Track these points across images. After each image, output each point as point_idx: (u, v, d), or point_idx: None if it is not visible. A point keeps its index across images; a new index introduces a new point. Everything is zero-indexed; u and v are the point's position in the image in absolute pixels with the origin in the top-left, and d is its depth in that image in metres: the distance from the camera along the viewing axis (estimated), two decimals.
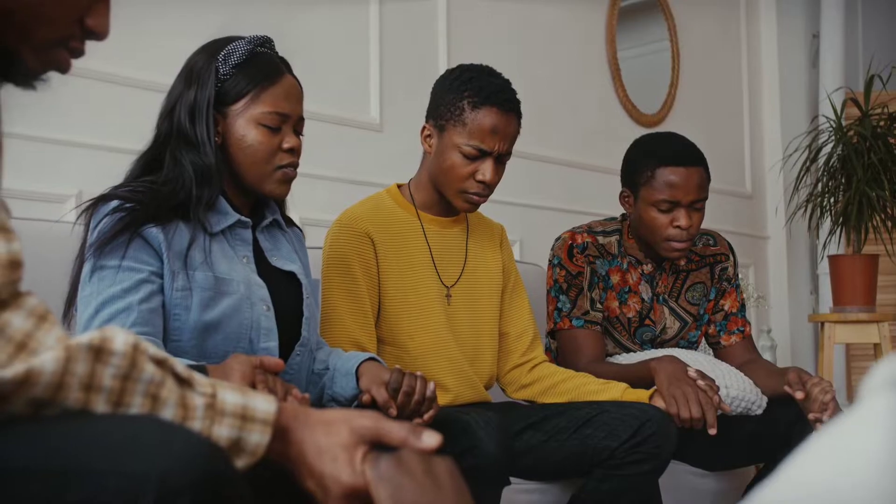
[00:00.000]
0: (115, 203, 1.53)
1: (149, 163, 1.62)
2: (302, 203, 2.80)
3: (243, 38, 1.66)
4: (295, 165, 1.68)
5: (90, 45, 1.01)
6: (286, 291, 1.68)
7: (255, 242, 1.70)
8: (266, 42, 1.69)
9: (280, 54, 1.72)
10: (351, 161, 2.98)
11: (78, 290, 1.53)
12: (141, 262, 1.51)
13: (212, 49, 1.64)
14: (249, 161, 1.63)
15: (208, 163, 1.58)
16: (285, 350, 1.63)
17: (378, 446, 0.95)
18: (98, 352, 0.82)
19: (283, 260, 1.72)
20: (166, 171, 1.59)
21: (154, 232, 1.52)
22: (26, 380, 0.77)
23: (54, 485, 0.75)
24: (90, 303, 1.48)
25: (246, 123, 1.62)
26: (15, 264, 0.80)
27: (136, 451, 0.76)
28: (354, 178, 2.93)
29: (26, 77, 0.96)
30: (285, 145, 1.65)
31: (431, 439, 0.96)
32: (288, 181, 1.68)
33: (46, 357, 0.79)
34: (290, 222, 1.83)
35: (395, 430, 0.95)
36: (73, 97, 2.33)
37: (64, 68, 0.99)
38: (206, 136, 1.59)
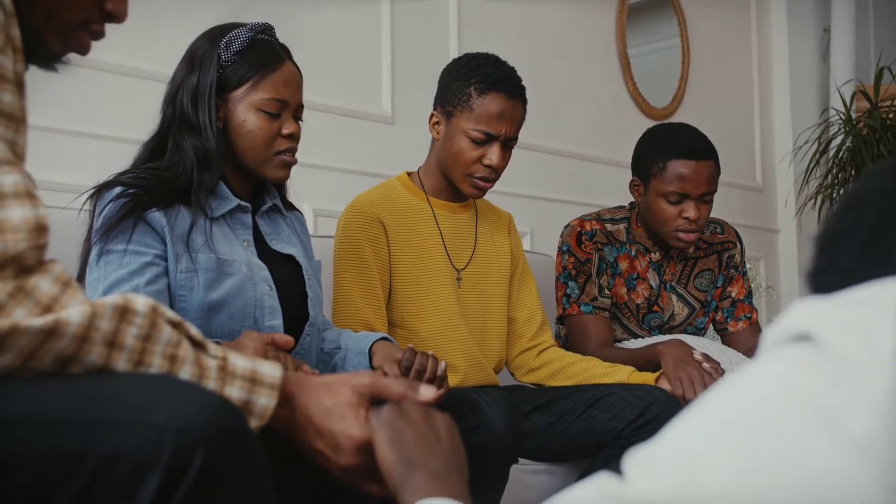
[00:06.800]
0: (118, 189, 1.56)
1: (155, 147, 1.66)
2: (315, 194, 2.85)
3: (245, 24, 1.69)
4: (293, 151, 1.71)
5: (107, 41, 1.06)
6: (287, 274, 1.71)
7: (256, 227, 1.73)
8: (267, 29, 1.72)
9: (281, 41, 1.74)
10: (363, 153, 3.02)
11: (86, 275, 1.56)
12: (146, 245, 1.54)
13: (214, 35, 1.68)
14: (249, 146, 1.67)
15: (209, 147, 1.62)
16: (290, 331, 1.65)
17: (378, 402, 0.99)
18: (123, 311, 0.86)
19: (282, 243, 1.75)
20: (169, 155, 1.63)
21: (157, 216, 1.55)
22: (54, 330, 0.81)
23: (83, 435, 0.79)
24: (97, 286, 1.51)
25: (246, 109, 1.65)
26: (41, 228, 0.84)
27: (156, 405, 0.80)
28: (367, 169, 2.98)
29: (49, 59, 1.01)
30: (285, 131, 1.68)
31: (428, 392, 1.00)
32: (287, 167, 1.71)
33: (74, 310, 0.83)
34: (290, 206, 1.86)
35: (394, 385, 1.00)
36: (90, 89, 2.38)
37: (84, 50, 1.04)
38: (207, 120, 1.62)
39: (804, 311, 0.61)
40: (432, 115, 2.10)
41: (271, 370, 0.95)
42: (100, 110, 2.45)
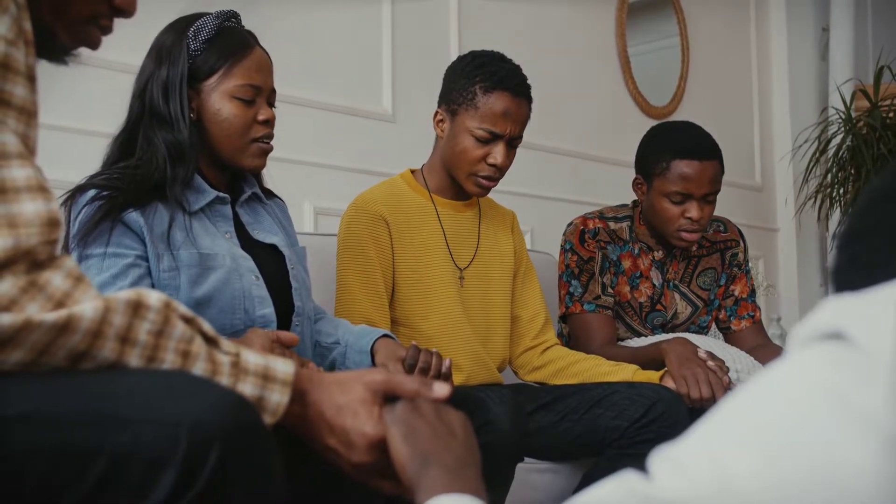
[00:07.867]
0: (92, 192, 1.53)
1: (124, 143, 1.63)
2: (316, 192, 2.85)
3: (210, 13, 1.67)
4: (270, 137, 1.69)
5: (112, 39, 1.06)
6: (271, 263, 1.69)
7: (236, 217, 1.70)
8: (233, 16, 1.70)
9: (248, 28, 1.72)
10: (364, 151, 3.02)
11: None
12: (125, 247, 1.52)
13: (180, 26, 1.65)
14: (225, 135, 1.64)
15: (182, 139, 1.59)
16: (280, 321, 1.64)
17: (391, 399, 0.99)
18: (136, 306, 0.85)
19: (264, 233, 1.73)
20: (139, 152, 1.60)
21: (134, 216, 1.53)
22: (67, 325, 0.80)
23: (95, 432, 0.78)
24: None
25: (220, 98, 1.63)
26: (54, 223, 0.83)
27: (170, 402, 0.79)
28: (368, 167, 2.97)
29: (59, 53, 1.01)
30: (260, 117, 1.66)
31: (442, 389, 0.99)
32: (264, 154, 1.69)
33: (86, 305, 0.82)
34: (270, 194, 1.84)
35: (408, 382, 1.00)
36: (95, 87, 2.37)
37: (94, 45, 1.03)
38: (179, 112, 1.60)
39: (833, 309, 0.60)
40: (437, 112, 2.09)
41: (284, 366, 0.94)
42: (104, 108, 2.43)
